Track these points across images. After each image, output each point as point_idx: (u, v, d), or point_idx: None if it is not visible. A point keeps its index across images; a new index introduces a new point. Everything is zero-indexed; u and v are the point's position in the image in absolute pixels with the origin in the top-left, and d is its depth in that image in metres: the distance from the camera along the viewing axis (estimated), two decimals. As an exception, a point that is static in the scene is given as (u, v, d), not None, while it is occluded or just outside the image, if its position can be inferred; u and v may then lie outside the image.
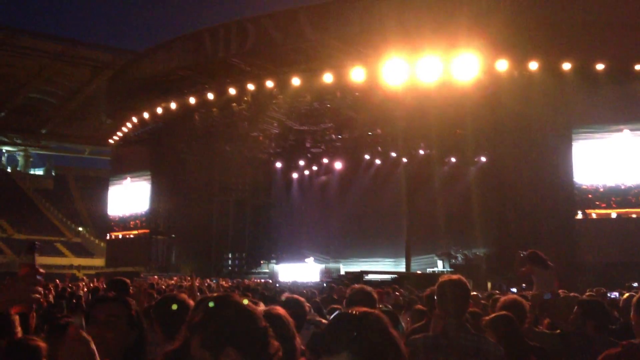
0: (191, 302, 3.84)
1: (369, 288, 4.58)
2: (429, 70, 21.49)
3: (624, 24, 20.57)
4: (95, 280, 19.45)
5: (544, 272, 9.41)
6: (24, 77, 51.89)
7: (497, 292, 16.05)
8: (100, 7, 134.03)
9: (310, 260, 31.64)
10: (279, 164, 35.69)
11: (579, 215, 23.02)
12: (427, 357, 3.60)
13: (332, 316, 1.97)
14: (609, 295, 13.24)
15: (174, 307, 3.42)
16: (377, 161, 32.76)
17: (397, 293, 13.74)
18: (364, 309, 1.94)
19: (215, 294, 2.29)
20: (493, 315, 4.75)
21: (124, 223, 37.14)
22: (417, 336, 3.85)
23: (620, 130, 22.57)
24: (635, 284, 17.26)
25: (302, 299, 4.43)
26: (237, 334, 2.08)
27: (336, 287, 18.02)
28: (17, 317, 3.72)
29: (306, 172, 36.27)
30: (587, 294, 10.47)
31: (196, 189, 34.61)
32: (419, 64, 21.21)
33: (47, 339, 3.47)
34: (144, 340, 2.85)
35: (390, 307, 10.78)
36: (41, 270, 2.34)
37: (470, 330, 3.75)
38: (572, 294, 8.43)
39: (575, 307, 4.86)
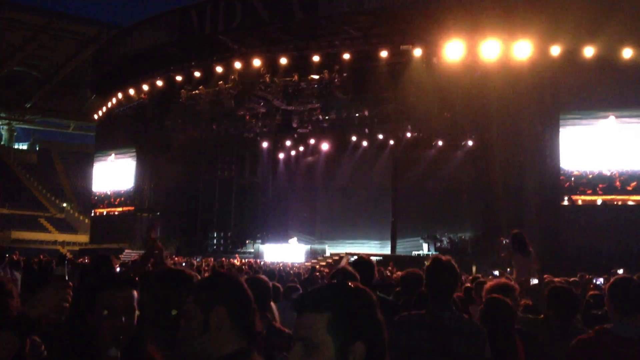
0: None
1: (351, 269, 4.58)
2: (416, 52, 21.37)
3: (613, 8, 20.48)
4: (83, 258, 19.37)
5: (523, 259, 9.44)
6: (8, 50, 51.18)
7: (481, 275, 16.08)
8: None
9: (293, 240, 31.58)
10: (265, 144, 35.50)
11: (565, 202, 23.06)
12: (411, 334, 3.68)
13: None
14: (594, 281, 13.29)
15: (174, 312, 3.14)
16: (364, 143, 32.65)
17: (387, 274, 13.77)
18: (358, 284, 1.93)
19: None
20: (488, 297, 4.73)
21: (108, 199, 36.92)
22: (405, 313, 3.91)
23: (608, 116, 22.57)
24: (621, 271, 17.33)
25: (265, 278, 4.34)
26: (231, 297, 2.26)
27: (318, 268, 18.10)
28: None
29: (292, 153, 36.12)
30: (572, 279, 10.48)
31: (182, 167, 34.39)
32: (405, 45, 21.09)
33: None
34: (144, 325, 2.61)
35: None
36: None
37: (455, 312, 3.81)
38: (557, 279, 8.43)
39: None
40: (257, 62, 24.38)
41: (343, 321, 1.79)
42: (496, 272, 18.04)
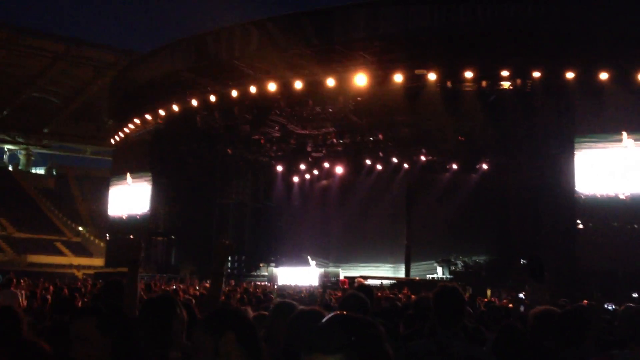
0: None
1: (361, 294, 4.54)
2: (432, 76, 21.51)
3: (629, 33, 20.53)
4: (98, 283, 19.38)
5: (537, 286, 9.35)
6: (27, 76, 51.91)
7: (496, 300, 16.00)
8: (104, 8, 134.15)
9: (313, 263, 31.54)
10: (280, 168, 35.63)
11: (580, 225, 22.92)
12: None
13: (330, 316, 1.87)
14: (605, 306, 13.17)
15: None
16: (379, 166, 32.69)
17: (397, 303, 13.66)
18: (364, 316, 1.85)
19: None
20: (502, 324, 4.78)
21: (124, 223, 37.07)
22: (414, 342, 3.92)
23: (623, 139, 22.47)
24: (635, 295, 17.19)
25: (295, 304, 4.35)
26: (238, 323, 2.40)
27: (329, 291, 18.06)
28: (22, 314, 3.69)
29: (307, 176, 36.22)
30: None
31: (197, 191, 34.54)
32: (421, 70, 21.24)
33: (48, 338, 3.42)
34: (128, 341, 2.76)
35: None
36: None
37: (464, 340, 3.80)
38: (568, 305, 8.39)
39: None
40: (272, 87, 24.59)
41: None
42: (521, 295, 17.92)
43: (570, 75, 21.11)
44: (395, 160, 31.60)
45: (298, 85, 23.99)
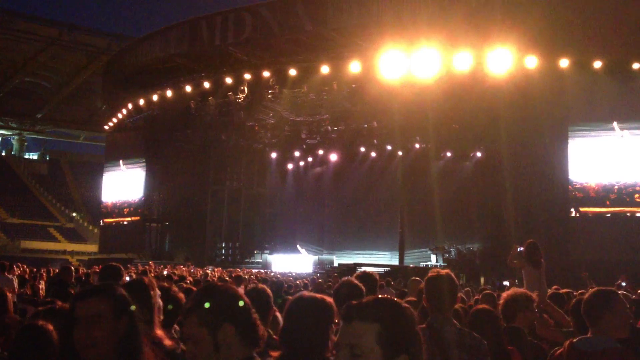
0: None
1: (356, 281, 4.46)
2: (426, 63, 21.38)
3: (623, 21, 20.50)
4: (94, 267, 19.42)
5: (533, 271, 9.35)
6: (20, 61, 51.53)
7: (489, 287, 16.06)
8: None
9: (303, 251, 31.59)
10: (274, 154, 35.59)
11: (573, 213, 22.99)
12: None
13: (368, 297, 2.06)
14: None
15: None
16: (373, 154, 32.69)
17: (391, 290, 13.71)
18: (398, 300, 2.02)
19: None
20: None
21: (117, 209, 37.06)
22: None
23: (616, 128, 22.52)
24: (624, 283, 17.23)
25: (267, 288, 4.38)
26: (233, 312, 2.31)
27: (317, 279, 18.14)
28: (9, 296, 3.64)
29: (301, 163, 36.19)
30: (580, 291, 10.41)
31: (191, 178, 34.52)
32: (415, 57, 21.08)
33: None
34: (136, 326, 2.58)
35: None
36: None
37: (456, 325, 3.80)
38: (562, 291, 8.40)
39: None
40: (266, 74, 24.50)
41: (391, 333, 1.87)
42: (506, 283, 18.03)
43: (564, 63, 21.06)
44: (389, 147, 31.60)
45: (292, 72, 23.88)
